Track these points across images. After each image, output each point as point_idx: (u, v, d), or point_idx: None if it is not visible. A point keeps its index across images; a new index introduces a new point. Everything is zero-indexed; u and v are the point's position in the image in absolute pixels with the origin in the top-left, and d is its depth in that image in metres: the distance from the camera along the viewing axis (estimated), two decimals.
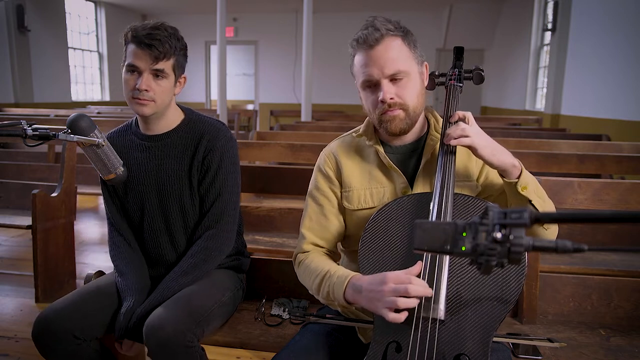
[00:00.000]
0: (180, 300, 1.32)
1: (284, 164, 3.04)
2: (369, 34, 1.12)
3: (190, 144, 1.47)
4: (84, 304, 1.36)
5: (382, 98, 1.13)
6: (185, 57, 1.46)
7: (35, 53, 8.04)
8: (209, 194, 1.47)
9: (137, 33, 1.35)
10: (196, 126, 1.49)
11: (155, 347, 1.21)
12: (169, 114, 1.49)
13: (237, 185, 1.52)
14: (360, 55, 1.15)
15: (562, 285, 1.61)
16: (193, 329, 1.25)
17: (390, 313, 0.97)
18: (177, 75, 1.44)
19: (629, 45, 5.02)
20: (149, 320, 1.24)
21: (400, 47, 1.13)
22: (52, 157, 4.04)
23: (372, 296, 1.01)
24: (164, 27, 1.39)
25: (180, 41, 1.42)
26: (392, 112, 1.14)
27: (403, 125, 1.17)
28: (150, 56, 1.35)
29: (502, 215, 0.58)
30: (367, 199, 1.24)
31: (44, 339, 1.29)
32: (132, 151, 1.50)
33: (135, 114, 1.45)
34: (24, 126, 1.20)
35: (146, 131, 1.50)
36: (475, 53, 10.20)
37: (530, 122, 6.25)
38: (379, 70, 1.12)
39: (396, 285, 0.98)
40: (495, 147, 1.10)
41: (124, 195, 1.52)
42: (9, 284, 2.91)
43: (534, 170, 2.67)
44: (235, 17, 11.26)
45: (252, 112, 10.16)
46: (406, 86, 1.14)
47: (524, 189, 1.10)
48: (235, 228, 1.53)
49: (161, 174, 1.47)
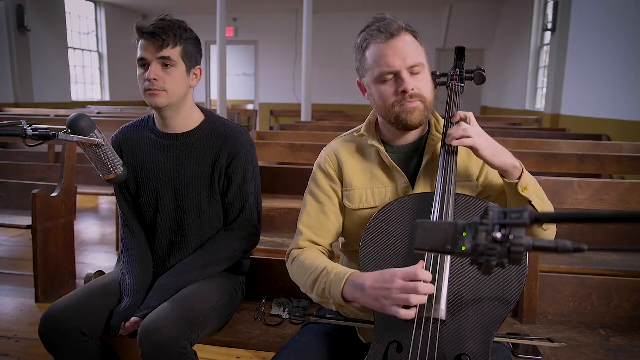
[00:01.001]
0: (177, 302, 1.32)
1: (284, 164, 3.05)
2: (389, 24, 1.11)
3: (211, 147, 1.47)
4: (91, 301, 1.35)
5: (404, 88, 1.11)
6: (196, 48, 1.45)
7: (35, 53, 8.04)
8: (236, 202, 1.49)
9: (141, 26, 1.37)
10: (218, 129, 1.49)
11: (148, 350, 1.20)
12: (187, 112, 1.47)
13: (260, 196, 1.55)
14: (377, 45, 1.13)
15: (562, 285, 1.61)
16: (187, 335, 1.25)
17: (401, 310, 0.96)
18: (188, 65, 1.42)
19: (629, 45, 5.02)
20: (144, 324, 1.24)
21: (414, 42, 1.14)
22: (52, 157, 4.04)
23: (378, 294, 0.99)
24: (169, 18, 1.40)
25: (187, 31, 1.42)
26: (412, 104, 1.13)
27: (422, 118, 1.16)
28: (154, 45, 1.36)
29: (502, 215, 0.58)
30: (369, 198, 1.23)
31: (51, 336, 1.28)
32: (148, 148, 1.49)
33: (152, 108, 1.45)
34: (24, 126, 1.19)
35: (164, 129, 1.49)
36: (476, 53, 10.20)
37: (530, 122, 6.25)
38: (401, 60, 1.11)
39: (405, 282, 0.96)
40: (497, 148, 1.10)
41: (137, 193, 1.51)
42: (9, 284, 2.91)
43: (534, 170, 2.68)
44: (235, 17, 11.26)
45: (252, 112, 10.17)
46: (423, 80, 1.14)
47: (524, 189, 1.10)
48: (260, 232, 1.56)
49: (179, 174, 1.47)
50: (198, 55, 1.47)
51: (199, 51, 1.47)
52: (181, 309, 1.29)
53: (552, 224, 1.17)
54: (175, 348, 1.21)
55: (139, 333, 1.23)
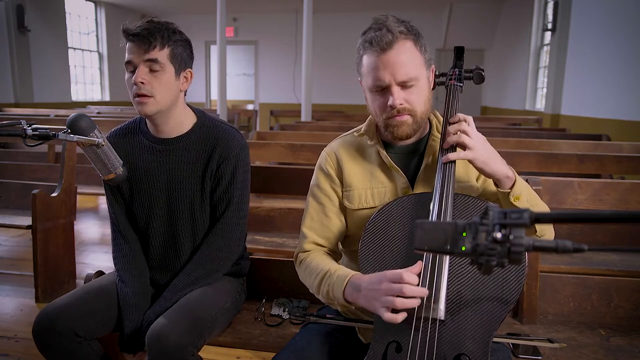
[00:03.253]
0: (183, 309, 1.31)
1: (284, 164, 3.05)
2: (382, 36, 1.09)
3: (204, 151, 1.44)
4: (87, 303, 1.35)
5: (391, 103, 1.12)
6: (185, 49, 1.40)
7: (35, 53, 8.04)
8: (221, 202, 1.46)
9: (127, 28, 1.33)
10: (210, 132, 1.45)
11: (156, 356, 1.20)
12: (178, 115, 1.44)
13: (247, 194, 1.51)
14: (370, 57, 1.13)
15: (562, 285, 1.61)
16: (195, 341, 1.25)
17: (386, 313, 0.96)
18: (177, 68, 1.37)
19: (629, 45, 5.02)
20: (153, 330, 1.23)
21: (412, 51, 1.12)
22: (52, 157, 4.04)
23: (370, 295, 1.01)
24: (156, 20, 1.35)
25: (176, 33, 1.37)
26: (400, 117, 1.14)
27: (409, 131, 1.16)
28: (141, 47, 1.32)
29: (502, 215, 0.58)
30: (368, 198, 1.23)
31: (45, 336, 1.28)
32: (141, 153, 1.46)
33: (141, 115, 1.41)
34: (24, 126, 1.19)
35: (156, 133, 1.45)
36: (475, 53, 10.19)
37: (530, 122, 6.25)
38: (391, 75, 1.10)
39: (390, 284, 0.97)
40: (490, 156, 1.09)
41: (130, 198, 1.49)
42: (9, 284, 2.91)
43: (534, 170, 2.68)
44: (235, 17, 11.26)
45: (252, 112, 10.16)
46: (415, 92, 1.13)
47: (516, 199, 1.10)
48: (243, 237, 1.53)
49: (172, 180, 1.45)
50: (188, 58, 1.42)
51: (190, 54, 1.42)
52: (189, 315, 1.28)
53: (549, 230, 1.17)
54: (183, 355, 1.21)
55: (147, 341, 1.22)
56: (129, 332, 1.35)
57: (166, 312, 1.29)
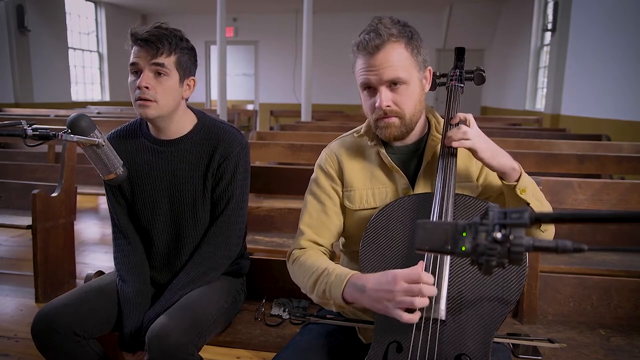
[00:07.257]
0: (183, 308, 1.31)
1: (284, 164, 3.04)
2: (369, 40, 1.10)
3: (205, 151, 1.45)
4: (86, 302, 1.35)
5: (378, 104, 1.13)
6: (191, 58, 1.41)
7: (35, 53, 8.05)
8: (221, 200, 1.46)
9: (135, 32, 1.34)
10: (211, 132, 1.46)
11: (157, 355, 1.20)
12: (179, 118, 1.45)
13: (246, 194, 1.52)
14: (360, 59, 1.14)
15: (562, 285, 1.61)
16: (195, 341, 1.25)
17: (404, 314, 0.95)
18: (181, 75, 1.39)
19: (629, 45, 5.02)
20: (153, 329, 1.23)
21: (401, 54, 1.12)
22: (52, 157, 4.04)
23: (380, 296, 0.98)
24: (165, 26, 1.36)
25: (183, 41, 1.38)
26: (387, 120, 1.15)
27: (397, 133, 1.17)
28: (148, 52, 1.32)
29: (502, 215, 0.58)
30: (369, 199, 1.23)
31: (44, 336, 1.28)
32: (143, 154, 1.46)
33: (141, 117, 1.41)
34: (24, 126, 1.19)
35: (158, 135, 1.46)
36: (475, 53, 10.20)
37: (530, 122, 6.24)
38: (377, 77, 1.11)
39: (409, 285, 0.95)
40: (496, 150, 1.10)
41: (132, 198, 1.49)
42: (9, 284, 2.91)
43: (534, 170, 2.68)
44: (235, 17, 11.26)
45: (252, 112, 10.17)
46: (404, 94, 1.13)
47: (522, 191, 1.10)
48: (242, 236, 1.53)
49: (175, 180, 1.45)
50: (192, 66, 1.43)
51: (194, 62, 1.43)
52: (189, 314, 1.29)
53: (551, 226, 1.17)
54: (183, 354, 1.21)
55: (148, 341, 1.22)
56: (129, 332, 1.35)
57: (166, 312, 1.29)
